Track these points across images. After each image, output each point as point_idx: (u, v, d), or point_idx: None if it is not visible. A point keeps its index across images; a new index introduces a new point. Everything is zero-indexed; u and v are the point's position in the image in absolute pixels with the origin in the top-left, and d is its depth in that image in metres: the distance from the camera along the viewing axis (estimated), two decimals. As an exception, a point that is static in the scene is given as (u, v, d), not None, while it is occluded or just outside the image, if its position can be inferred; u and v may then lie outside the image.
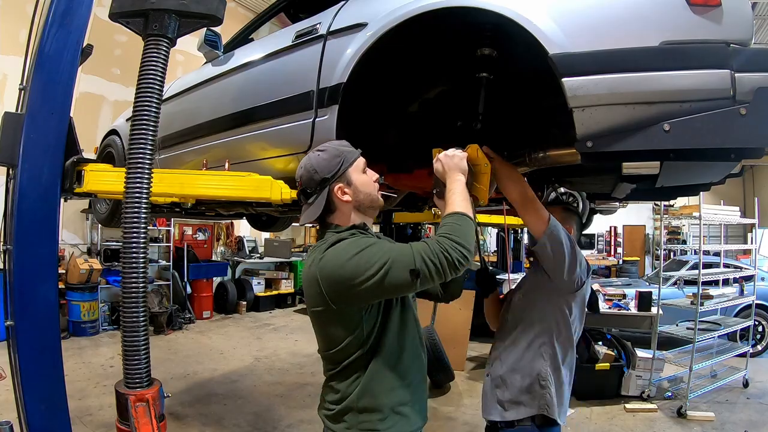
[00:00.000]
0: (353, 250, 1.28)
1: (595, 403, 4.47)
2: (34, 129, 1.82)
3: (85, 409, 3.95)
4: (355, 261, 1.26)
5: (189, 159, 2.74)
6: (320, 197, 1.41)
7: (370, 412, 1.36)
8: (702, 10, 1.28)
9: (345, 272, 1.26)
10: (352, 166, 1.45)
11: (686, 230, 12.45)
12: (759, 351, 6.16)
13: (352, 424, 1.37)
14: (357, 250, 1.28)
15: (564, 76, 1.32)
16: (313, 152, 1.46)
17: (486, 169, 1.55)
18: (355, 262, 1.26)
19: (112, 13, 1.73)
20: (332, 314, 1.34)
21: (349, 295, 1.28)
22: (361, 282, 1.24)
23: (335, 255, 1.30)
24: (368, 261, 1.25)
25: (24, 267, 1.82)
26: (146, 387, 1.67)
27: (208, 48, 2.66)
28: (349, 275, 1.25)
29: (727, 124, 1.24)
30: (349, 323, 1.35)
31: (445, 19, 1.58)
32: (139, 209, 1.67)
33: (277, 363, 5.76)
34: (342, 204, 1.43)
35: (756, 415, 4.28)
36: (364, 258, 1.26)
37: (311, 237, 11.17)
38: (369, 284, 1.23)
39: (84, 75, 6.50)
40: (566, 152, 1.57)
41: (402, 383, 1.40)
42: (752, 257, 6.07)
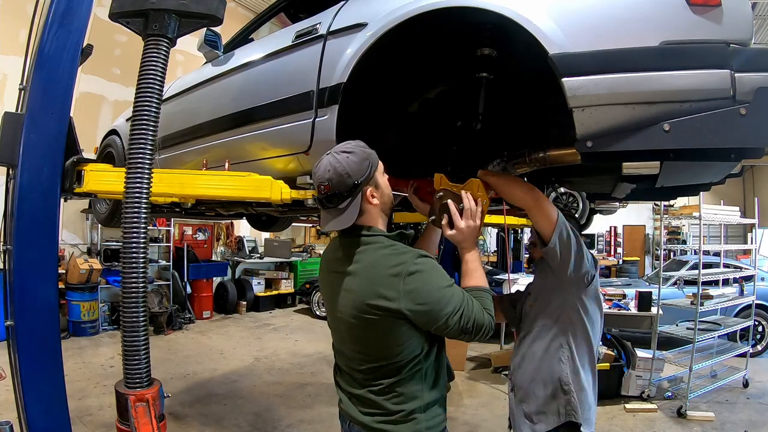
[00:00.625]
0: (445, 282, 1.36)
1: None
2: (34, 129, 1.82)
3: (85, 409, 3.95)
4: (448, 292, 1.35)
5: (189, 159, 2.74)
6: (354, 202, 1.39)
7: (433, 405, 1.45)
8: (702, 10, 1.28)
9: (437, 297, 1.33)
10: (378, 168, 1.47)
11: (686, 230, 12.46)
12: (759, 351, 6.16)
13: (421, 420, 1.42)
14: (448, 283, 1.37)
15: (564, 76, 1.32)
16: (339, 154, 1.41)
17: (484, 207, 1.57)
18: (449, 293, 1.35)
19: (112, 13, 1.73)
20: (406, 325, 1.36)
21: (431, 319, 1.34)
22: (445, 315, 1.33)
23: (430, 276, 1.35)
24: (453, 297, 1.35)
25: (24, 267, 1.82)
26: (146, 387, 1.67)
27: (208, 48, 2.66)
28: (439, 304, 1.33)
29: (727, 124, 1.24)
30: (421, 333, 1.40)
31: (445, 19, 1.58)
32: (139, 209, 1.67)
33: (277, 363, 5.76)
34: (371, 207, 1.45)
35: (756, 415, 4.28)
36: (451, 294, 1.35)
37: (311, 237, 11.18)
38: (450, 319, 1.33)
39: (84, 75, 6.50)
40: (566, 152, 1.57)
41: (442, 377, 1.50)
42: (752, 257, 6.07)
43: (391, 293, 1.32)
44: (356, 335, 1.44)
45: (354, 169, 1.39)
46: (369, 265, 1.39)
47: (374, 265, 1.38)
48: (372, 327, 1.37)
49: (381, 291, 1.33)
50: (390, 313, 1.33)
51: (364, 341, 1.43)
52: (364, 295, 1.36)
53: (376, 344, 1.41)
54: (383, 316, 1.34)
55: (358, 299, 1.37)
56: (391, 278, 1.33)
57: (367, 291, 1.36)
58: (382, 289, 1.33)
